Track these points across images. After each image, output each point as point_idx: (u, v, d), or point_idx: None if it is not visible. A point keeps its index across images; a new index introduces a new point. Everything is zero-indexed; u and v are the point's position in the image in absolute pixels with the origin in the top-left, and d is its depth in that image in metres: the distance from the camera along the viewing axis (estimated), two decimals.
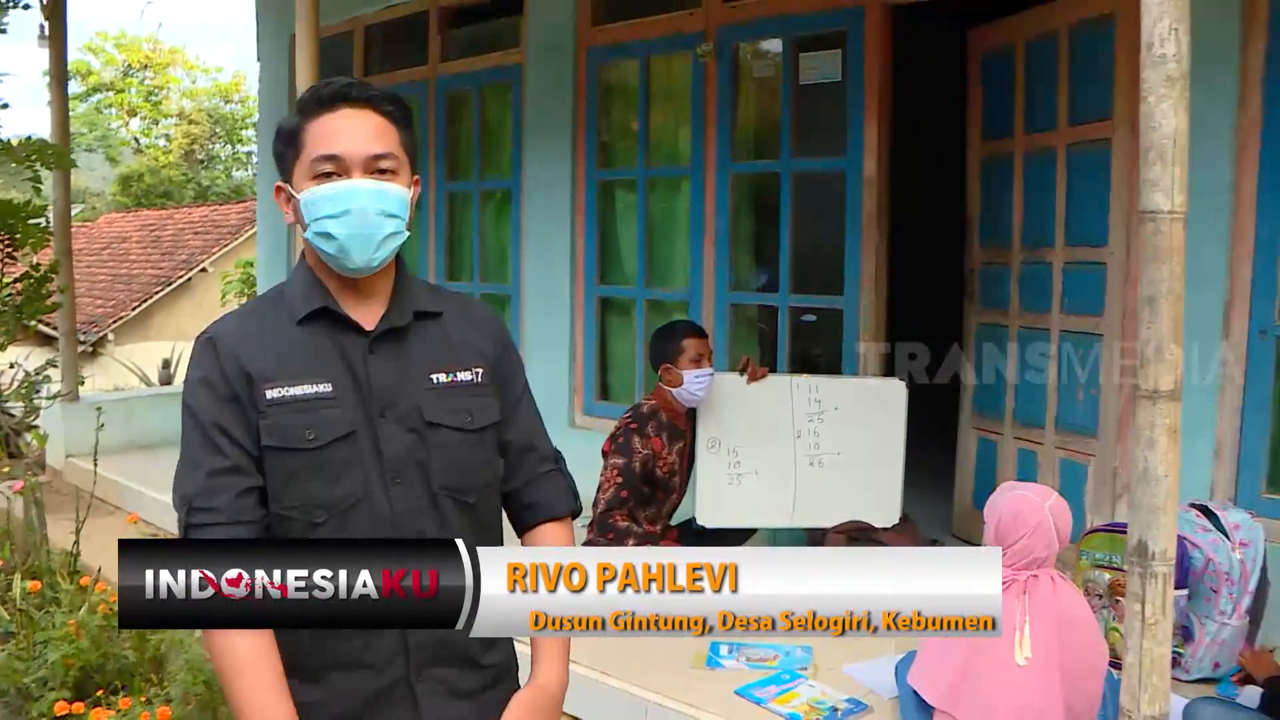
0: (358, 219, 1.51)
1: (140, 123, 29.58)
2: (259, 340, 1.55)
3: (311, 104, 1.56)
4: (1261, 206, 3.56)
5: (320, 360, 1.55)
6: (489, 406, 1.63)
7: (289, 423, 1.50)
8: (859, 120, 4.54)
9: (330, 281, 1.58)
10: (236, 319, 1.61)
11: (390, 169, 1.55)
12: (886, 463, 4.23)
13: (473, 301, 1.78)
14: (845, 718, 3.04)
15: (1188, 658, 3.38)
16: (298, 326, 1.56)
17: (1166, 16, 2.20)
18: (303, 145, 1.54)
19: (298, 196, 1.55)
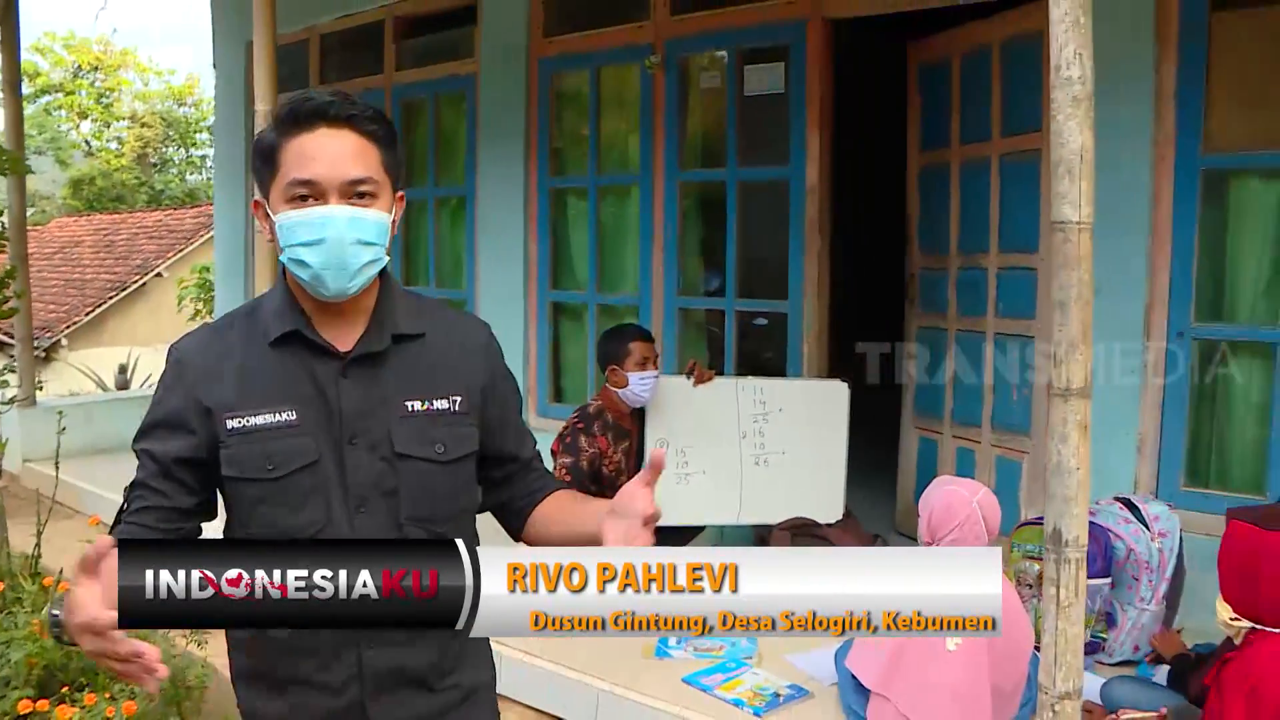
0: (333, 248, 1.45)
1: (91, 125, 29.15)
2: (224, 363, 1.52)
3: (289, 122, 1.48)
4: (1178, 215, 3.77)
5: (287, 386, 1.51)
6: (466, 436, 1.58)
7: (249, 453, 1.48)
8: (801, 130, 4.70)
9: (307, 301, 1.53)
10: (206, 338, 1.58)
11: (370, 192, 1.49)
12: (829, 461, 4.38)
13: (463, 320, 1.72)
14: (787, 703, 3.19)
15: (1111, 642, 3.57)
16: (270, 348, 1.52)
17: (1072, 42, 2.38)
18: (279, 165, 1.48)
19: (273, 218, 1.49)
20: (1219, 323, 3.79)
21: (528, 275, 5.75)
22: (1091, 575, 3.51)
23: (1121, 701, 2.94)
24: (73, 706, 3.16)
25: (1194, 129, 3.71)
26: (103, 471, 6.04)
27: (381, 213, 1.50)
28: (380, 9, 6.40)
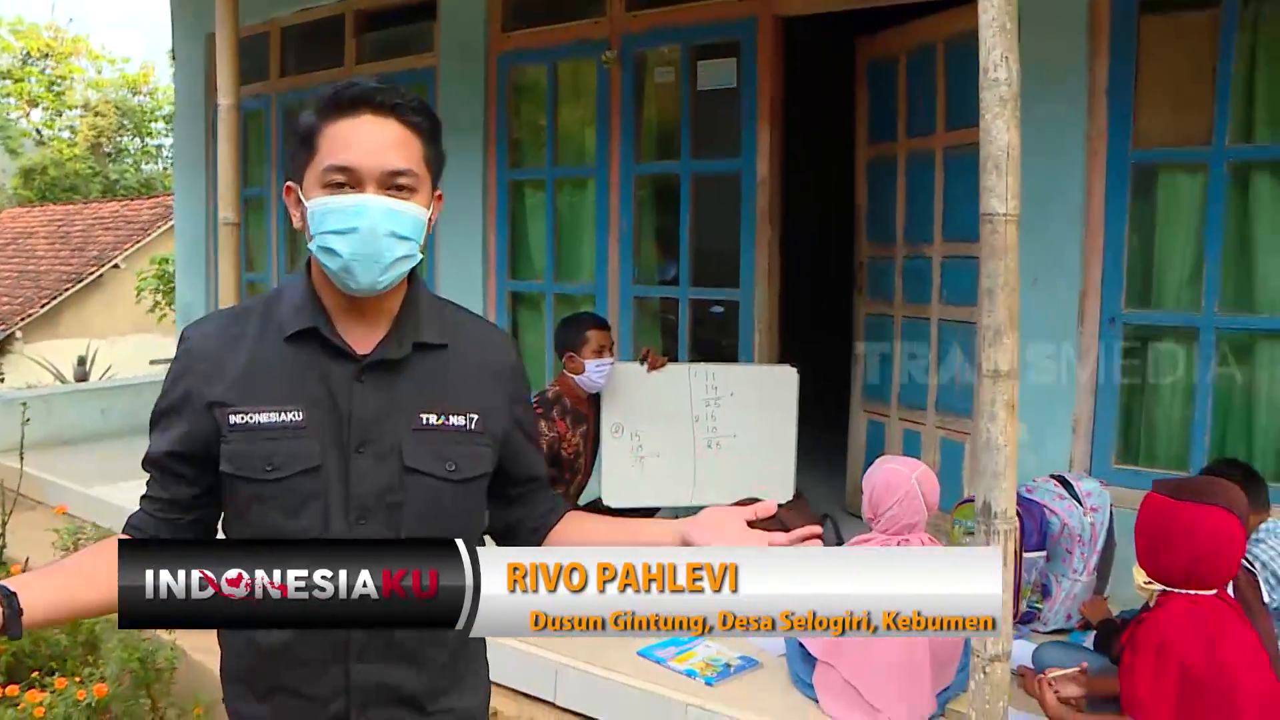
0: (365, 238, 1.40)
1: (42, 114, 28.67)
2: (234, 354, 1.46)
3: (331, 105, 1.43)
4: (1109, 208, 3.96)
5: (297, 385, 1.45)
6: (480, 455, 1.52)
7: (249, 451, 1.43)
8: (753, 124, 4.84)
9: (330, 297, 1.48)
10: (219, 325, 1.52)
11: (409, 186, 1.43)
12: (780, 443, 4.54)
13: (490, 335, 1.64)
14: (738, 672, 3.34)
15: (1046, 611, 3.75)
16: (284, 343, 1.46)
17: (999, 46, 2.53)
18: (316, 149, 1.43)
19: (305, 204, 1.44)
20: (1148, 309, 3.98)
21: (486, 265, 5.85)
22: (1028, 549, 3.73)
23: (1050, 663, 3.11)
24: (43, 691, 3.24)
25: (1124, 125, 3.90)
26: (64, 463, 6.09)
27: (419, 207, 1.44)
28: (340, 3, 6.46)
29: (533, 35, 5.61)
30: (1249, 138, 3.74)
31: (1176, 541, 2.52)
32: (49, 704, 3.18)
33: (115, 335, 15.56)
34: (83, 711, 3.20)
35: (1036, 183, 4.01)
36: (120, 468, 6.04)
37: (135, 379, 8.61)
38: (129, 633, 3.41)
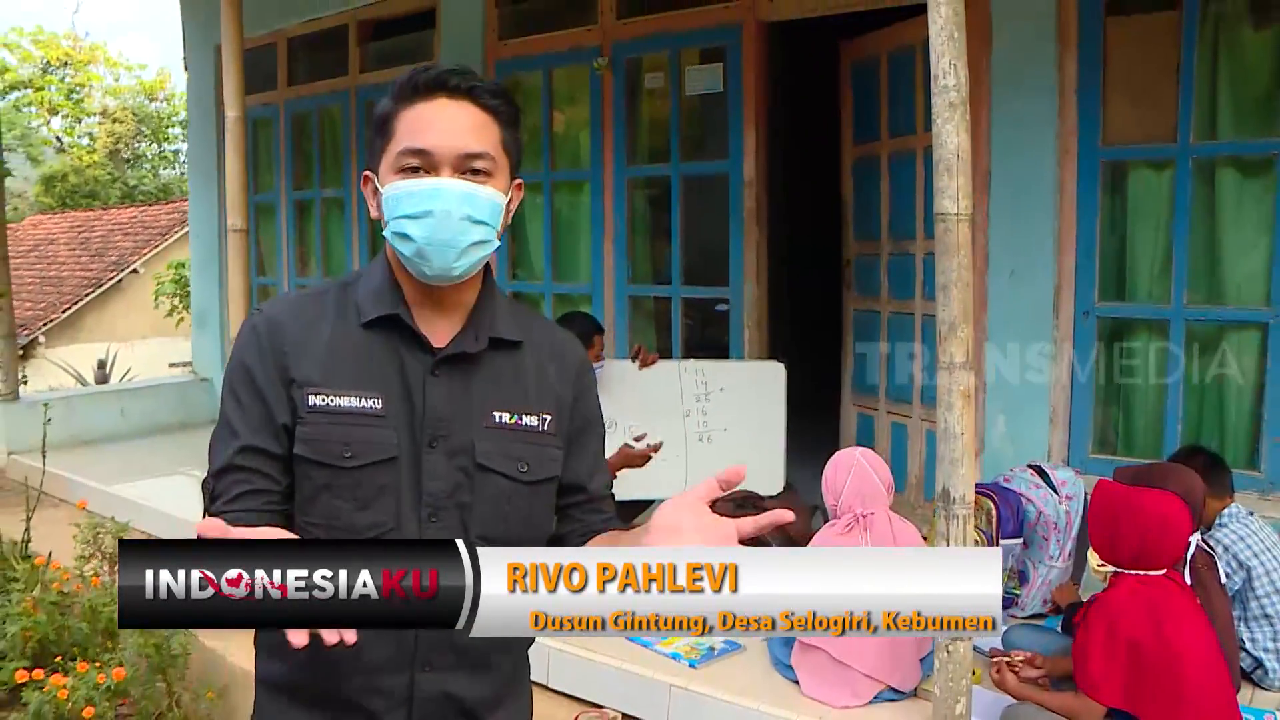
0: (440, 222, 1.35)
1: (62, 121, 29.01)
2: (312, 334, 1.41)
3: (408, 89, 1.40)
4: (1081, 203, 4.09)
5: (376, 372, 1.40)
6: (551, 458, 1.47)
7: (327, 435, 1.37)
8: (739, 127, 4.99)
9: (408, 286, 1.43)
10: (294, 304, 1.45)
11: (485, 170, 1.38)
12: (769, 437, 4.68)
13: (560, 334, 1.58)
14: (721, 655, 3.49)
15: (1023, 597, 3.88)
16: (362, 328, 1.42)
17: (947, 54, 2.67)
18: (392, 134, 1.39)
19: (381, 190, 1.40)
20: (1121, 302, 4.11)
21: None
22: (1005, 536, 3.86)
23: (1018, 646, 3.25)
24: (65, 675, 3.42)
25: (1094, 123, 4.03)
26: (85, 461, 6.29)
27: (496, 191, 1.40)
28: (344, 13, 6.63)
29: (528, 43, 5.78)
30: (1213, 134, 3.86)
31: (1124, 525, 2.66)
32: (71, 687, 3.36)
33: (135, 339, 15.83)
34: (102, 694, 3.38)
35: (1010, 179, 4.18)
36: (138, 466, 6.27)
37: (153, 381, 8.82)
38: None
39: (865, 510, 3.18)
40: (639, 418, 4.60)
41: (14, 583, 4.01)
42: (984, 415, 4.35)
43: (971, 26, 4.19)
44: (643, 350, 4.64)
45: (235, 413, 1.40)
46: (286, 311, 1.43)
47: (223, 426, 1.41)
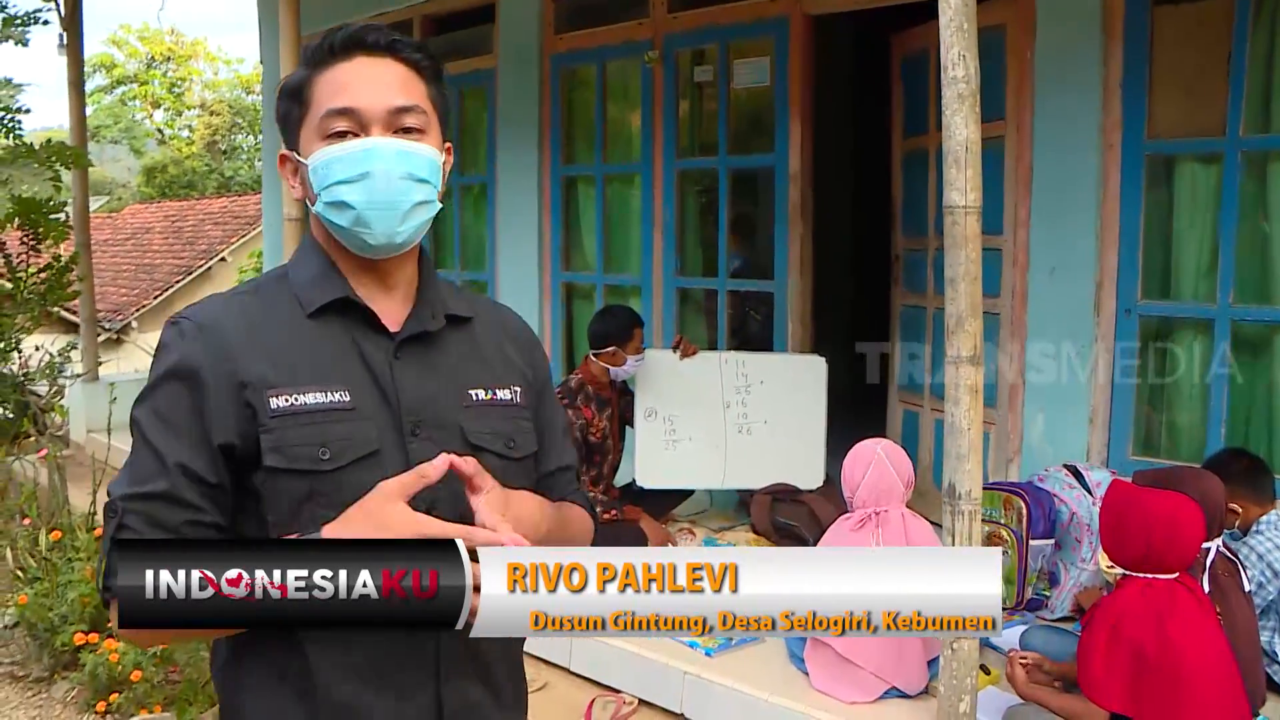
0: (380, 183, 1.26)
1: (164, 114, 30.15)
2: (256, 332, 1.27)
3: (322, 52, 1.29)
4: (1124, 199, 3.99)
5: (336, 363, 1.28)
6: (528, 432, 1.41)
7: (299, 438, 1.24)
8: (785, 120, 4.98)
9: (346, 266, 1.33)
10: (225, 304, 1.31)
11: (418, 126, 1.29)
12: (809, 431, 4.69)
13: (502, 308, 1.53)
14: (738, 645, 3.52)
15: (1053, 599, 3.83)
16: (308, 320, 1.30)
17: (956, 45, 2.65)
18: (310, 101, 1.29)
19: (305, 162, 1.29)
20: (1164, 301, 4.01)
21: (541, 257, 6.11)
22: (1035, 536, 3.82)
23: (1035, 647, 3.22)
24: (117, 640, 3.61)
25: (1139, 116, 3.93)
26: None
27: (433, 148, 1.31)
28: (408, 8, 6.79)
29: (582, 36, 5.84)
30: (1264, 128, 3.73)
31: (1131, 526, 2.62)
32: (122, 651, 3.56)
33: None
34: (150, 660, 3.57)
35: (1053, 175, 4.11)
36: None
37: None
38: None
39: (880, 507, 3.17)
40: (679, 407, 4.66)
41: (77, 552, 4.22)
42: (1022, 414, 4.29)
43: (1017, 22, 4.20)
44: (684, 341, 4.69)
45: (159, 433, 1.23)
46: (219, 312, 1.29)
47: (140, 450, 1.24)
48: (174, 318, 1.29)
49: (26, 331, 6.17)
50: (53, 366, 6.20)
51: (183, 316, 1.29)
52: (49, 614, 3.92)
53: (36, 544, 4.41)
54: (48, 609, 3.93)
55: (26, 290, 6.09)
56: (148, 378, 1.28)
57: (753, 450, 4.73)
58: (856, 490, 3.21)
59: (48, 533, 4.40)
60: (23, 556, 4.41)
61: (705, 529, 4.77)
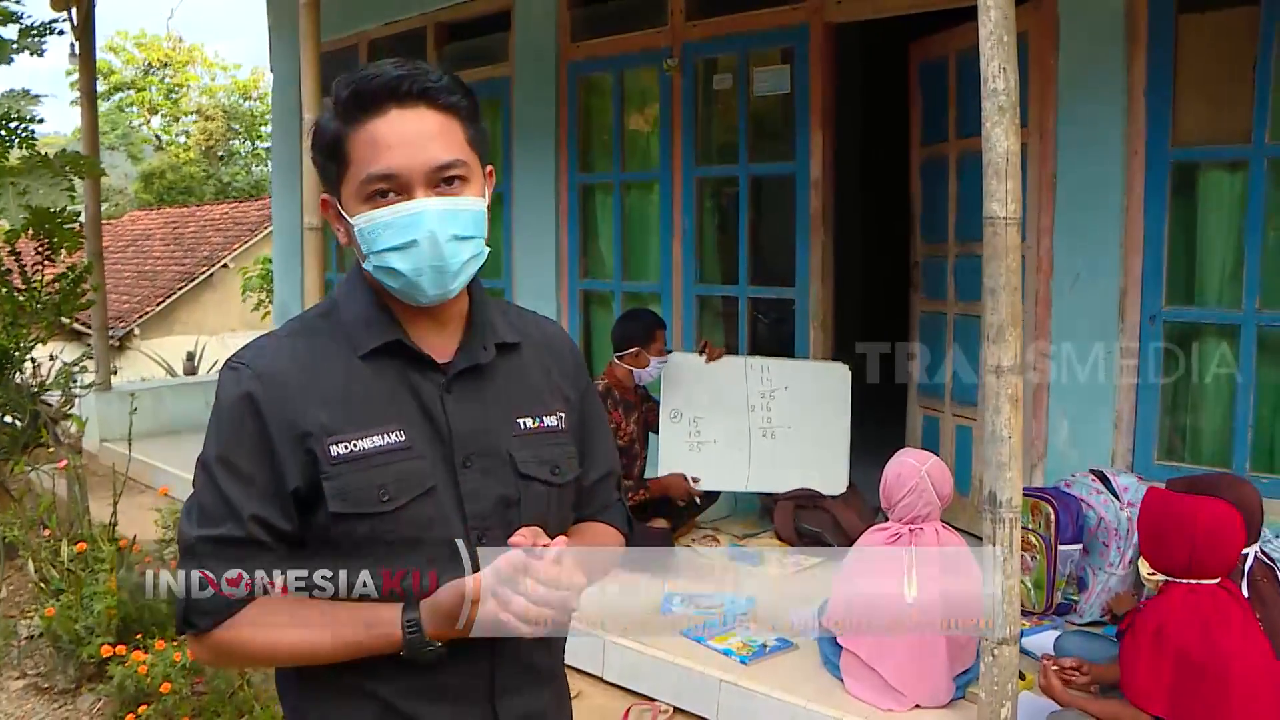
0: (428, 249, 1.26)
1: (161, 120, 30.11)
2: (314, 378, 1.28)
3: (353, 106, 1.26)
4: (1149, 206, 4.01)
5: (390, 403, 1.29)
6: (572, 456, 1.43)
7: (360, 483, 1.25)
8: (805, 128, 5.00)
9: (398, 305, 1.33)
10: (281, 350, 1.31)
11: (460, 176, 1.28)
12: (833, 437, 4.71)
13: (546, 324, 1.52)
14: (773, 653, 3.53)
15: (1082, 604, 3.84)
16: (360, 361, 1.30)
17: (997, 58, 2.67)
18: (349, 160, 1.27)
19: (350, 221, 1.29)
20: (1189, 306, 4.02)
21: (559, 265, 6.12)
22: (1063, 541, 3.83)
23: (1070, 652, 3.23)
24: (145, 652, 3.61)
25: (1163, 124, 3.95)
26: (172, 450, 6.56)
27: (476, 199, 1.31)
28: (422, 16, 6.79)
29: (600, 44, 5.85)
30: None
31: (1173, 533, 2.63)
32: (150, 663, 3.54)
33: (225, 332, 16.37)
34: (179, 672, 3.55)
35: (1076, 182, 4.13)
36: None
37: None
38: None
39: (917, 525, 3.18)
40: (704, 410, 4.67)
41: (100, 563, 4.21)
42: (1047, 420, 4.31)
43: (1038, 29, 4.21)
44: (710, 345, 4.71)
45: (230, 483, 1.26)
46: (278, 359, 1.30)
47: (210, 492, 1.27)
48: (231, 363, 1.32)
49: (41, 341, 6.15)
50: (67, 376, 6.18)
51: (239, 363, 1.31)
52: (74, 626, 3.90)
53: (58, 555, 4.40)
54: (73, 620, 3.91)
55: (40, 300, 6.08)
56: (209, 420, 1.31)
57: (776, 454, 4.74)
58: (895, 505, 3.22)
59: (69, 544, 4.39)
60: (44, 568, 4.40)
61: (729, 535, 4.78)
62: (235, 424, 1.27)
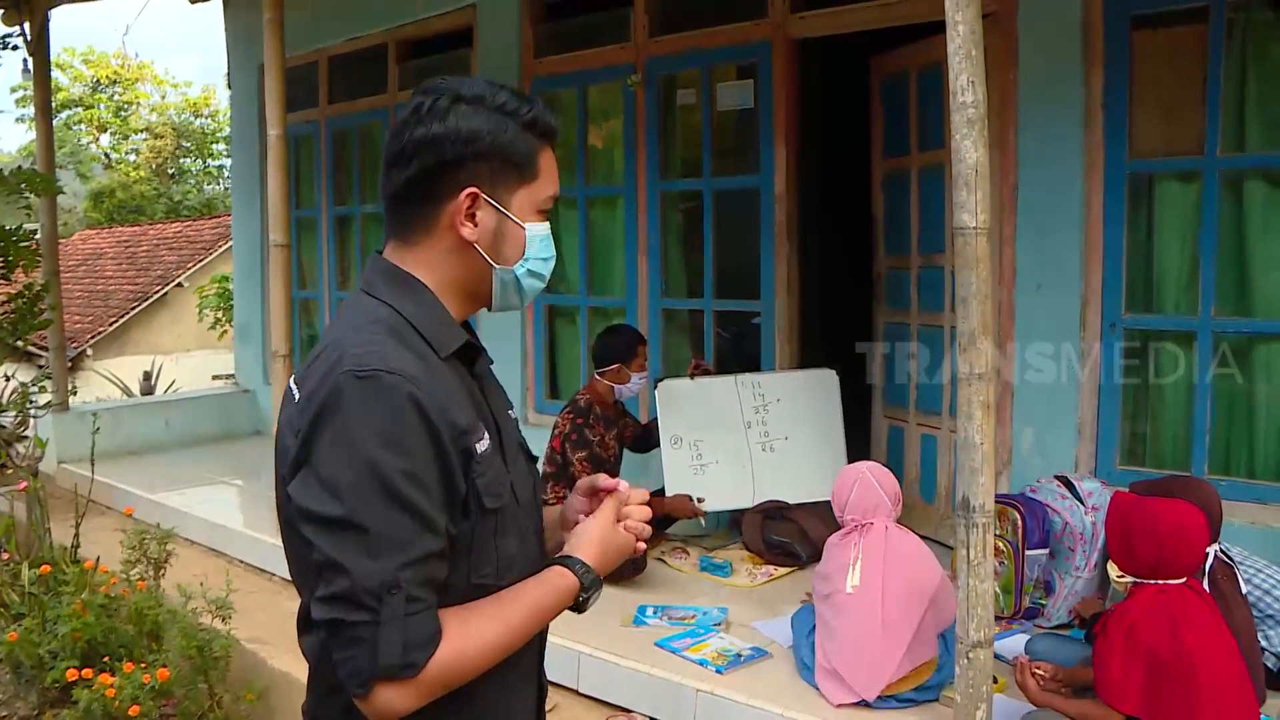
0: (553, 264, 1.46)
1: (110, 138, 29.70)
2: (439, 379, 1.28)
3: (544, 131, 1.40)
4: (1108, 216, 4.11)
5: (471, 402, 1.34)
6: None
7: (496, 478, 1.31)
8: (769, 142, 5.06)
9: (455, 309, 1.39)
10: (402, 351, 1.26)
11: None
12: (829, 442, 4.79)
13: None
14: (748, 661, 3.55)
15: (1049, 607, 3.90)
16: (442, 362, 1.33)
17: (965, 72, 2.72)
18: (538, 174, 1.39)
19: (523, 227, 1.39)
20: (1148, 314, 4.12)
21: None
22: (1031, 546, 3.89)
23: (1039, 655, 3.28)
24: (113, 675, 3.55)
25: (1120, 136, 4.05)
26: (131, 470, 6.47)
27: None
28: (384, 32, 6.79)
29: (563, 61, 5.88)
30: (1241, 147, 3.87)
31: (1140, 535, 2.69)
32: (118, 686, 3.48)
33: (180, 351, 16.16)
34: (147, 694, 3.50)
35: (1038, 194, 4.21)
36: (182, 475, 6.43)
37: (197, 393, 9.03)
38: (188, 623, 3.70)
39: (868, 520, 3.27)
40: (703, 432, 4.71)
41: (64, 586, 4.14)
42: (1011, 428, 4.38)
43: (998, 44, 4.30)
44: (698, 360, 4.76)
45: (423, 497, 1.20)
46: (409, 364, 1.24)
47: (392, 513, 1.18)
48: (365, 372, 1.21)
49: None
50: (24, 397, 6.07)
51: (380, 370, 1.21)
52: (37, 650, 3.83)
53: (18, 579, 4.31)
54: (35, 645, 3.84)
55: None
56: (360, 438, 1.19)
57: (779, 466, 4.79)
58: (845, 508, 3.33)
59: (31, 567, 4.31)
60: (4, 592, 4.32)
61: (699, 548, 4.80)
62: (406, 432, 1.20)
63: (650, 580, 4.37)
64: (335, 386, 1.20)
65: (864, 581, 3.16)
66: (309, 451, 1.21)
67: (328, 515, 1.18)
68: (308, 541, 1.20)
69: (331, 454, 1.19)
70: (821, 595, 3.34)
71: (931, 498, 4.87)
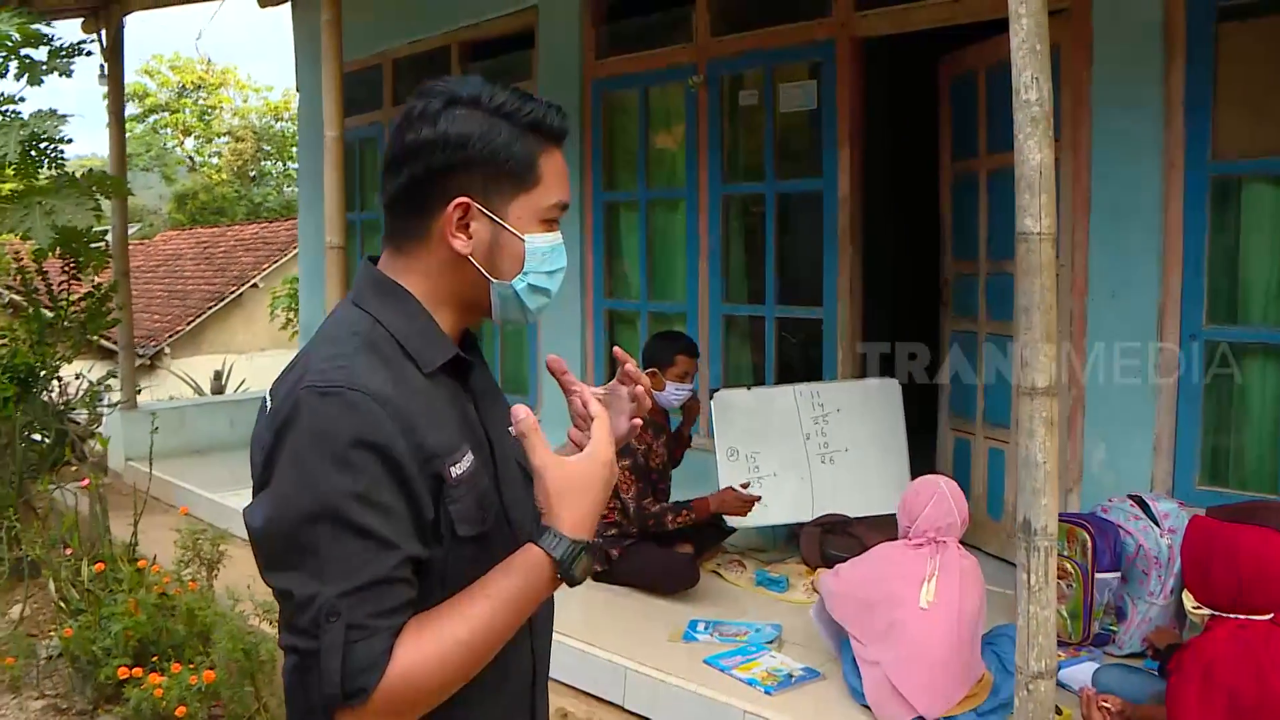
0: (563, 277, 1.34)
1: (194, 142, 30.49)
2: (414, 397, 1.19)
3: (548, 133, 1.28)
4: (1188, 220, 3.89)
5: (459, 420, 1.26)
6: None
7: (472, 503, 1.22)
8: (834, 144, 4.92)
9: (446, 321, 1.30)
10: (371, 366, 1.18)
11: None
12: (892, 453, 4.65)
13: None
14: (798, 683, 3.42)
15: (1121, 634, 3.71)
16: (426, 378, 1.24)
17: (1029, 68, 2.58)
18: (539, 180, 1.27)
19: (522, 238, 1.27)
20: (1231, 325, 3.89)
21: (584, 284, 6.06)
22: (1101, 569, 3.70)
23: (1107, 687, 3.10)
24: (162, 675, 3.56)
25: (1202, 137, 3.83)
26: (194, 469, 6.55)
27: None
28: (446, 34, 6.79)
29: (625, 61, 5.81)
30: None
31: (1218, 565, 2.52)
32: (166, 686, 3.49)
33: (254, 351, 16.48)
34: (195, 695, 3.50)
35: (1112, 198, 4.02)
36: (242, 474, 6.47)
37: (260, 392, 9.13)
38: (236, 625, 3.70)
39: (940, 539, 3.13)
40: (760, 444, 4.59)
41: (119, 584, 4.18)
42: (1083, 443, 4.19)
43: (1071, 41, 4.11)
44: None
45: (378, 519, 1.12)
46: (376, 378, 1.17)
47: (346, 540, 1.11)
48: (327, 388, 1.14)
49: (67, 360, 6.16)
50: (93, 394, 6.18)
51: (343, 386, 1.14)
52: (92, 647, 3.86)
53: (79, 575, 4.36)
54: (91, 641, 3.87)
55: (67, 319, 6.09)
56: (312, 459, 1.12)
57: (839, 478, 4.67)
58: (916, 520, 3.19)
59: (90, 564, 4.36)
60: (65, 587, 4.37)
61: (756, 561, 4.67)
62: (359, 452, 1.12)
63: (703, 593, 4.26)
64: (296, 402, 1.14)
65: (941, 600, 3.02)
66: (270, 473, 1.16)
67: (274, 538, 1.13)
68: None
69: (287, 474, 1.13)
70: (865, 602, 3.20)
71: (999, 514, 4.68)
